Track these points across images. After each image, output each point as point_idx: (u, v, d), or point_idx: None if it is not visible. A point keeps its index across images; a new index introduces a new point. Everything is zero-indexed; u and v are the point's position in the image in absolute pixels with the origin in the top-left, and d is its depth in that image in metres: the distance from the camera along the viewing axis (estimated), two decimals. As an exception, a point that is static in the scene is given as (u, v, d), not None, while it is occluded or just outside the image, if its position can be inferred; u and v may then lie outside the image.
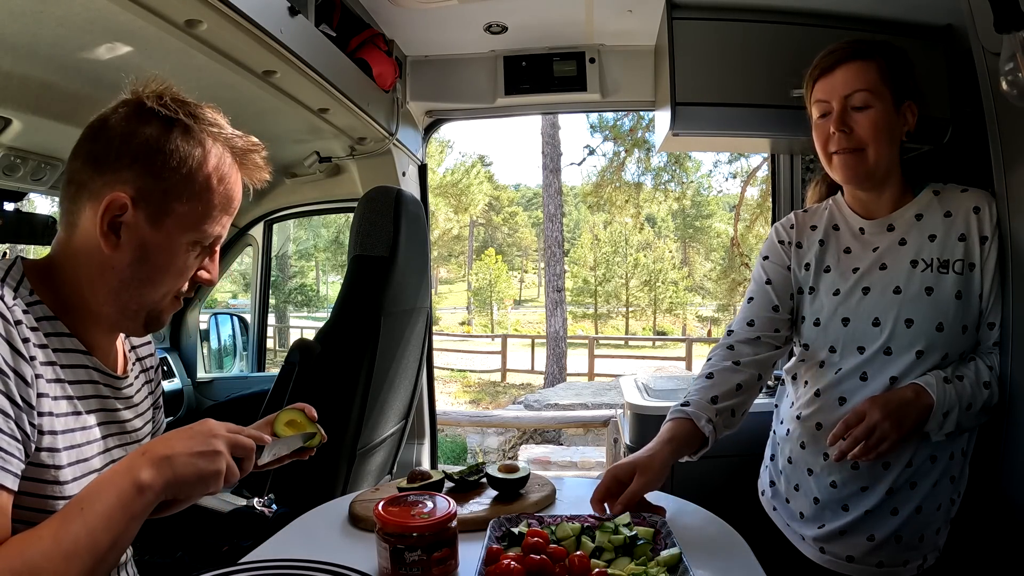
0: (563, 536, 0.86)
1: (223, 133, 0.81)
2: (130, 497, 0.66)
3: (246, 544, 1.28)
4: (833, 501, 1.13)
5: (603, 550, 0.83)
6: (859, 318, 1.11)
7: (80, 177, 0.76)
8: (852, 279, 1.13)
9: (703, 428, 1.10)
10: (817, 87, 1.13)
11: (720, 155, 16.09)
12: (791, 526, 1.21)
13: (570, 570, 0.78)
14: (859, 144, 1.08)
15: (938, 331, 1.06)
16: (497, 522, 0.90)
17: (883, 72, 1.07)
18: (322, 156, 2.12)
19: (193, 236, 0.79)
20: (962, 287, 1.06)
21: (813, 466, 1.16)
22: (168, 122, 0.77)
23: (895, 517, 1.08)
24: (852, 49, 1.10)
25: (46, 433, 0.70)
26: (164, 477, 0.68)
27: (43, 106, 1.35)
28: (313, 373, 1.55)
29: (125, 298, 0.78)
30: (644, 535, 0.85)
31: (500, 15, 1.85)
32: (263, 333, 2.88)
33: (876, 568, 1.10)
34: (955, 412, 1.01)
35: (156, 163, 0.75)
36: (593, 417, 5.45)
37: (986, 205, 1.07)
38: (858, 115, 1.08)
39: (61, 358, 0.75)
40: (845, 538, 1.12)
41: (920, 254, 1.08)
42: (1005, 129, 1.02)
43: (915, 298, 1.07)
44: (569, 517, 0.92)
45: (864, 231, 1.16)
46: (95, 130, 0.77)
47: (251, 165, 0.84)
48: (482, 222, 26.15)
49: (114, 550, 0.66)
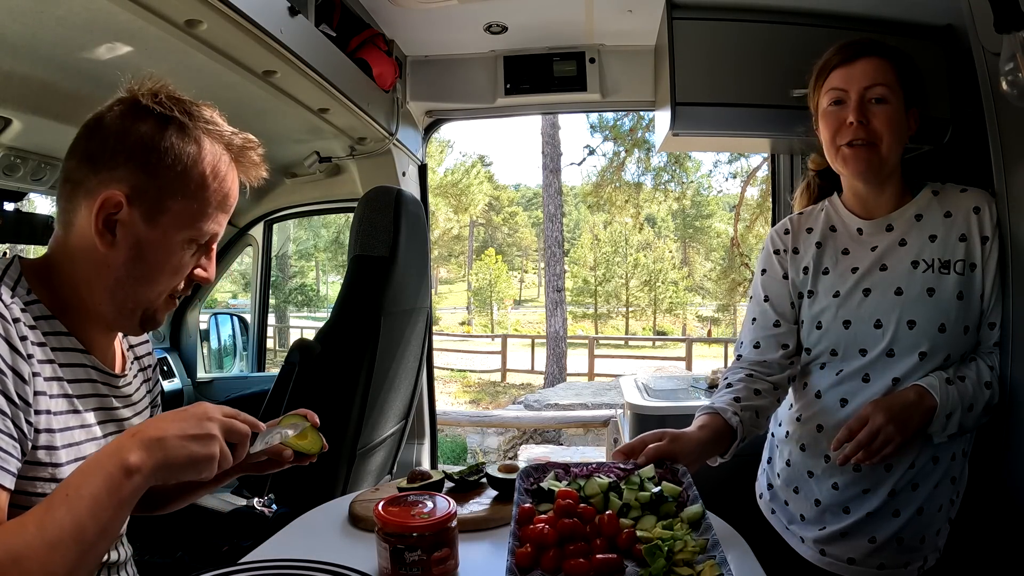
0: (591, 493, 0.87)
1: (219, 130, 0.81)
2: (118, 480, 0.64)
3: (246, 544, 1.28)
4: (834, 503, 1.13)
5: (630, 507, 0.85)
6: (860, 320, 1.10)
7: (76, 175, 0.76)
8: (851, 280, 1.12)
9: (730, 420, 1.09)
10: (833, 75, 1.11)
11: (720, 155, 16.10)
12: (791, 528, 1.21)
13: (600, 530, 0.80)
14: (874, 137, 1.07)
15: (940, 332, 1.05)
16: (524, 472, 0.91)
17: (899, 73, 1.08)
18: (322, 156, 2.12)
19: (189, 234, 0.79)
20: (963, 288, 1.05)
21: (814, 468, 1.16)
22: (163, 119, 0.76)
23: (897, 519, 1.08)
24: (872, 44, 1.09)
25: (43, 431, 0.70)
26: (154, 459, 0.65)
27: (43, 106, 1.35)
28: (313, 373, 1.55)
29: (121, 296, 0.78)
30: (670, 492, 0.87)
31: (500, 15, 1.85)
32: (263, 333, 2.88)
33: (877, 570, 1.10)
34: (958, 413, 1.01)
35: (151, 161, 0.75)
36: (593, 417, 5.45)
37: (986, 205, 1.06)
38: (875, 108, 1.07)
39: (59, 356, 0.75)
40: (846, 540, 1.12)
41: (921, 255, 1.08)
42: (1005, 129, 1.02)
43: (917, 299, 1.07)
44: (596, 466, 0.93)
45: (862, 231, 1.15)
46: (90, 128, 0.77)
47: (247, 162, 0.84)
48: (482, 222, 26.15)
49: (102, 538, 0.64)
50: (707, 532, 0.78)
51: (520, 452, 6.31)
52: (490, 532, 0.96)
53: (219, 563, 0.76)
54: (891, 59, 1.08)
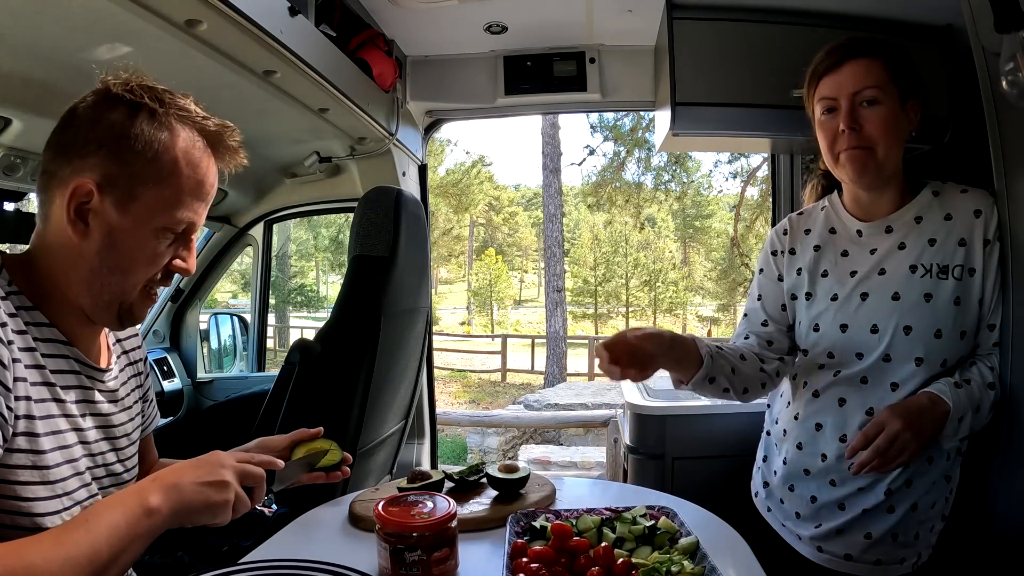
0: (584, 528, 0.88)
1: (191, 117, 0.80)
2: (136, 517, 0.67)
3: (246, 544, 1.28)
4: (831, 501, 1.13)
5: (624, 540, 0.86)
6: (857, 324, 1.10)
7: (51, 167, 0.77)
8: (850, 284, 1.12)
9: (701, 349, 1.12)
10: (822, 84, 1.11)
11: (720, 155, 16.06)
12: (787, 526, 1.21)
13: (595, 561, 0.80)
14: (868, 142, 1.06)
15: (936, 338, 1.05)
16: (515, 517, 0.92)
17: (889, 69, 1.06)
18: (322, 156, 2.11)
19: (162, 221, 0.78)
20: (961, 293, 1.05)
21: (810, 467, 1.16)
22: (134, 107, 0.76)
23: (892, 515, 1.09)
24: (857, 46, 1.08)
25: (22, 417, 0.69)
26: (172, 503, 0.70)
27: (43, 106, 1.35)
28: (313, 373, 1.55)
29: (96, 287, 0.78)
30: (666, 527, 0.88)
31: (500, 15, 1.85)
32: (263, 333, 2.88)
33: (873, 565, 1.11)
34: (968, 417, 1.01)
35: (121, 148, 0.75)
36: (593, 417, 5.44)
37: (987, 207, 1.06)
38: (867, 112, 1.06)
39: (41, 347, 0.75)
40: (842, 537, 1.12)
41: (920, 259, 1.07)
42: (1005, 129, 1.02)
43: (914, 305, 1.06)
44: (587, 510, 0.94)
45: (862, 233, 1.14)
46: (65, 120, 0.77)
47: (224, 149, 0.83)
48: (482, 222, 26.12)
49: (114, 566, 0.65)
50: (703, 561, 0.78)
51: (520, 452, 6.30)
52: (490, 532, 0.96)
53: (219, 563, 0.76)
54: (880, 56, 1.06)
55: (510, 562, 0.80)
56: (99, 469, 0.81)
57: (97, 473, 0.81)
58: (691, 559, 0.80)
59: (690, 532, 0.86)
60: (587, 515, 0.91)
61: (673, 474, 1.76)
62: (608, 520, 0.91)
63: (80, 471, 0.77)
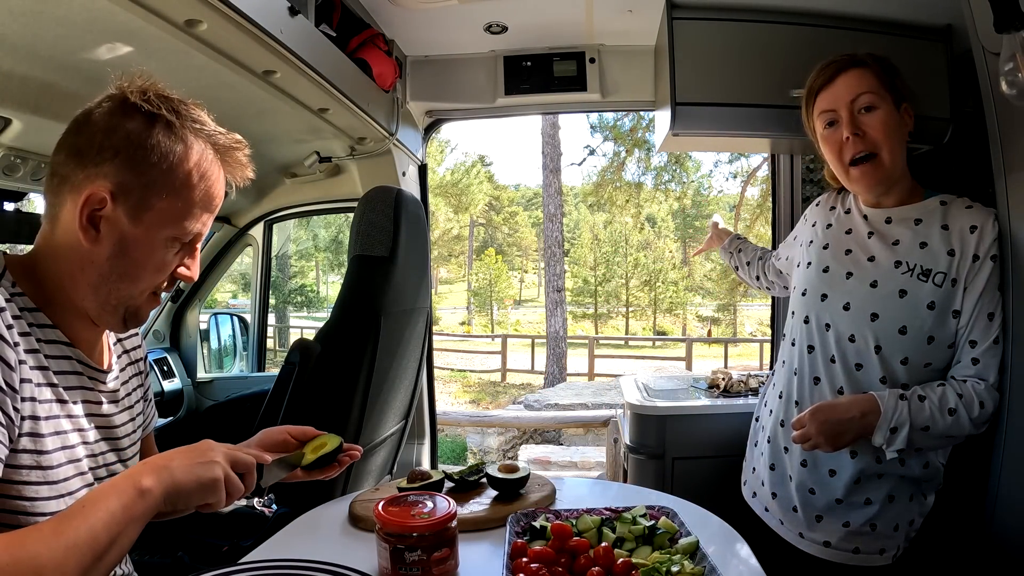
0: (584, 529, 0.88)
1: (205, 130, 0.81)
2: (131, 499, 0.67)
3: (246, 544, 1.28)
4: (802, 482, 1.19)
5: (624, 540, 0.86)
6: (834, 297, 1.17)
7: (62, 170, 0.76)
8: (842, 261, 1.19)
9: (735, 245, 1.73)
10: (820, 99, 1.17)
11: (720, 155, 16.12)
12: (768, 511, 1.27)
13: (595, 561, 0.80)
14: (873, 147, 1.11)
15: (900, 333, 1.09)
16: (515, 517, 0.92)
17: (880, 76, 1.12)
18: (322, 156, 2.11)
19: (172, 232, 0.79)
20: (937, 299, 1.07)
21: (788, 444, 1.22)
22: (151, 117, 0.76)
23: (869, 506, 1.13)
24: (846, 60, 1.15)
25: (27, 418, 0.70)
26: (163, 483, 0.70)
27: (43, 106, 1.35)
28: (313, 373, 1.54)
29: (104, 292, 0.78)
30: (666, 527, 0.88)
31: (500, 15, 1.85)
32: (263, 333, 2.88)
33: (852, 554, 1.14)
34: (905, 430, 1.03)
35: (137, 158, 0.75)
36: (593, 417, 5.44)
37: (985, 224, 1.07)
38: (866, 118, 1.11)
39: (45, 348, 0.75)
40: (821, 524, 1.17)
41: (907, 257, 1.11)
42: (1005, 129, 1.02)
43: (887, 296, 1.10)
44: (587, 510, 0.95)
45: (868, 218, 1.21)
46: (79, 123, 0.77)
47: (234, 163, 0.84)
48: (482, 222, 26.12)
49: (113, 550, 0.66)
50: (703, 561, 0.79)
51: (520, 452, 6.30)
52: (490, 532, 0.97)
53: (219, 563, 0.76)
54: (869, 66, 1.13)
55: (510, 562, 0.80)
56: (101, 469, 0.82)
57: (99, 473, 0.81)
58: (691, 559, 0.80)
59: (690, 532, 0.87)
60: (587, 515, 0.92)
61: (673, 474, 1.76)
62: (608, 520, 0.91)
63: (83, 471, 0.78)
